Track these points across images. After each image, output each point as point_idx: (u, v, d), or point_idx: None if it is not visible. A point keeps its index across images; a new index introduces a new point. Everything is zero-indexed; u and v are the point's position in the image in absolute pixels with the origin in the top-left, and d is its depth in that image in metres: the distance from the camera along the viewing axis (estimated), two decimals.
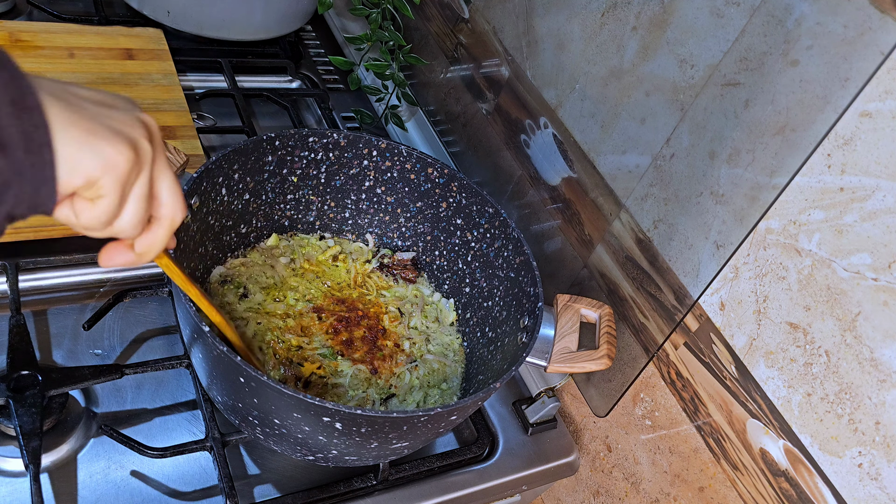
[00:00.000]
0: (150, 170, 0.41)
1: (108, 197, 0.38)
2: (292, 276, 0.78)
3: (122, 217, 0.40)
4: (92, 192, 0.38)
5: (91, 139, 0.37)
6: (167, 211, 0.43)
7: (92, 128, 0.37)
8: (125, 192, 0.39)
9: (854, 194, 0.55)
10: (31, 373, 0.65)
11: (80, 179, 0.37)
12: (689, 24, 0.66)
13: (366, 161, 0.80)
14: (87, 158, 0.36)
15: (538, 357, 0.68)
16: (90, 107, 0.38)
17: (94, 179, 0.37)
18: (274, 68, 1.10)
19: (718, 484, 0.70)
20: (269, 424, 0.60)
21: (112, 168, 0.37)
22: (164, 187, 0.42)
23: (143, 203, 0.41)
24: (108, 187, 0.38)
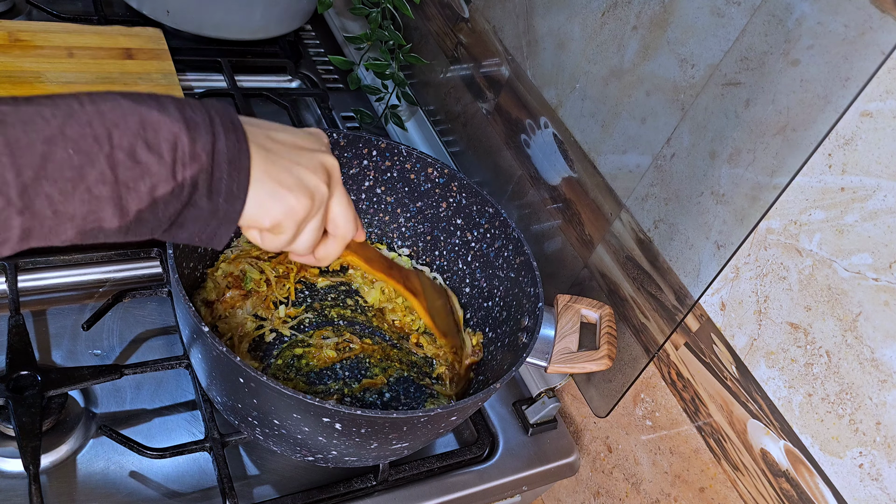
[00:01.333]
0: (327, 205, 0.50)
1: (286, 234, 0.48)
2: None
3: (296, 244, 0.50)
4: (275, 230, 0.47)
5: (279, 191, 0.45)
6: (339, 231, 0.52)
7: (282, 179, 0.45)
8: (300, 229, 0.48)
9: (855, 194, 0.55)
10: (31, 373, 0.65)
11: (268, 222, 0.46)
12: (690, 23, 0.66)
13: (365, 161, 0.80)
14: (275, 207, 0.45)
15: (538, 357, 0.68)
16: (284, 154, 0.46)
17: (278, 223, 0.46)
18: (273, 68, 1.09)
19: (719, 484, 0.70)
20: (268, 425, 0.60)
21: (291, 214, 0.46)
22: (339, 215, 0.51)
23: (313, 234, 0.50)
24: (286, 227, 0.47)
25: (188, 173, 0.41)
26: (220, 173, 0.42)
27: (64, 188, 0.37)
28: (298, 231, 0.48)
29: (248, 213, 0.45)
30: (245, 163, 0.43)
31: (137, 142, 0.39)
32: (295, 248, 0.50)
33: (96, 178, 0.38)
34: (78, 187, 0.38)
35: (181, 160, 0.40)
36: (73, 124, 0.37)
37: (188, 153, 0.40)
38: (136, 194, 0.40)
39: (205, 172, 0.41)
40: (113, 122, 0.38)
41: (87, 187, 0.38)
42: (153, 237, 0.43)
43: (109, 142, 0.38)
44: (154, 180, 0.40)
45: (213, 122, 0.42)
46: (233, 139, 0.43)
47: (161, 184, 0.40)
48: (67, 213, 0.38)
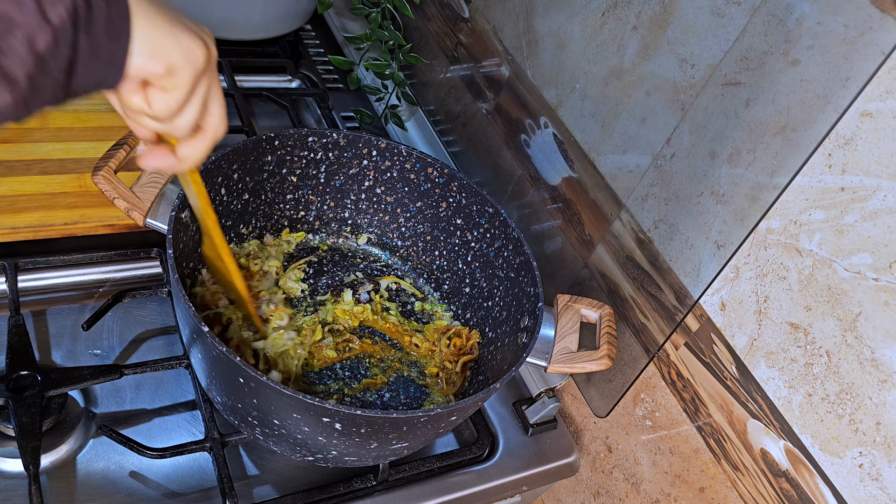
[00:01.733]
0: (212, 76, 0.44)
1: (181, 89, 0.41)
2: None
3: (183, 114, 0.43)
4: (168, 81, 0.41)
5: (174, 30, 0.40)
6: (214, 122, 0.46)
7: (175, 21, 0.40)
8: (195, 88, 0.42)
9: (855, 194, 0.55)
10: (31, 373, 0.65)
11: (162, 65, 0.40)
12: (690, 23, 0.66)
13: (365, 161, 0.80)
14: (170, 46, 0.40)
15: (538, 357, 0.68)
16: (169, 8, 0.41)
17: (175, 68, 0.40)
18: (273, 68, 1.09)
19: (719, 484, 0.70)
20: (268, 425, 0.60)
21: (191, 60, 0.41)
22: (216, 99, 0.45)
23: (202, 105, 0.44)
24: (183, 78, 0.41)
25: (62, 9, 0.34)
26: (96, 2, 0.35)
27: None
28: (191, 93, 0.42)
29: (139, 55, 0.39)
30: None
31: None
32: (180, 122, 0.44)
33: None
34: None
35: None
36: None
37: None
38: (14, 55, 0.33)
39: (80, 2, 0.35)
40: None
41: None
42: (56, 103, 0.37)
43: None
44: (26, 31, 0.33)
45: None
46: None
47: (37, 33, 0.33)
48: None
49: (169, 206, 0.64)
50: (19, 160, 0.78)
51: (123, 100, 0.42)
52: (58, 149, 0.80)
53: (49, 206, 0.75)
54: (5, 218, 0.72)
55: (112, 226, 0.76)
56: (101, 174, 0.64)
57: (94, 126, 0.84)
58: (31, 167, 0.77)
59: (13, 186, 0.75)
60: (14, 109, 0.35)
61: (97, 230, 0.75)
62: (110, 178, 0.64)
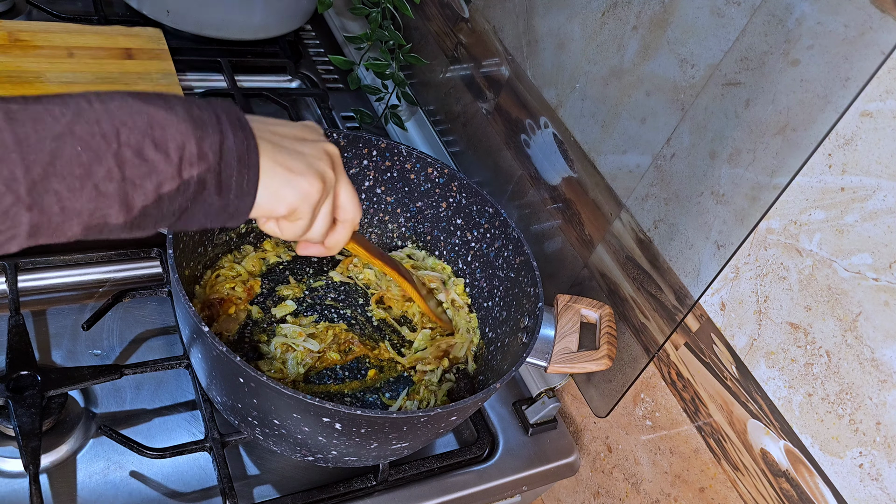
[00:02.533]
0: (334, 190, 0.51)
1: (304, 219, 0.49)
2: None
3: (312, 230, 0.51)
4: (291, 218, 0.49)
5: (292, 177, 0.47)
6: (348, 216, 0.54)
7: (292, 166, 0.47)
8: (315, 213, 0.50)
9: (855, 194, 0.55)
10: (31, 373, 0.65)
11: (284, 209, 0.47)
12: (690, 23, 0.66)
13: (365, 161, 0.80)
14: (289, 194, 0.47)
15: (538, 357, 0.68)
16: (289, 144, 0.48)
17: (294, 209, 0.48)
18: (273, 68, 1.09)
19: (719, 484, 0.70)
20: (268, 425, 0.60)
21: (307, 198, 0.48)
22: (346, 199, 0.53)
23: (327, 218, 0.52)
24: (303, 212, 0.49)
25: (195, 172, 0.42)
26: (230, 171, 0.43)
27: (72, 185, 0.38)
28: (314, 216, 0.50)
29: (263, 204, 0.46)
30: (254, 159, 0.44)
31: (145, 140, 0.40)
32: (311, 235, 0.52)
33: (104, 175, 0.39)
34: (86, 184, 0.38)
35: (188, 159, 0.41)
36: (82, 122, 0.38)
37: (195, 152, 0.41)
38: (142, 191, 0.40)
39: (213, 171, 0.42)
40: (121, 121, 0.39)
41: (94, 184, 0.38)
42: (158, 229, 0.44)
43: (118, 140, 0.39)
44: (160, 178, 0.41)
45: (221, 121, 0.43)
46: (241, 137, 0.44)
47: (167, 181, 0.41)
48: (75, 210, 0.39)
49: None
50: None
51: (259, 225, 0.51)
52: None
53: None
54: None
55: None
56: None
57: None
58: None
59: None
60: (120, 229, 0.41)
61: None
62: None
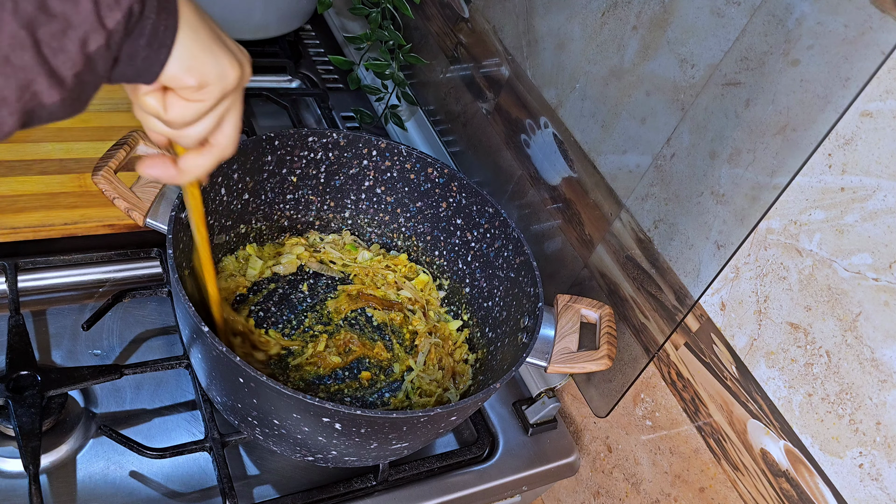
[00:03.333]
0: (236, 97, 0.44)
1: (205, 103, 0.41)
2: None
3: (196, 125, 0.43)
4: (195, 94, 0.41)
5: (214, 47, 0.40)
6: (224, 140, 0.45)
7: (216, 39, 0.40)
8: (216, 105, 0.42)
9: (855, 194, 0.55)
10: (31, 373, 0.65)
11: (195, 79, 0.40)
12: (690, 23, 0.66)
13: (365, 161, 0.80)
14: (207, 62, 0.40)
15: (538, 357, 0.68)
16: (210, 21, 0.41)
17: (205, 83, 0.40)
18: (273, 68, 1.09)
19: (719, 484, 0.70)
20: (268, 425, 0.60)
21: (223, 79, 0.41)
22: (232, 120, 0.45)
23: (216, 121, 0.44)
24: (210, 94, 0.41)
25: (119, 15, 0.35)
26: (149, 11, 0.36)
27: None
28: (213, 107, 0.42)
29: (174, 66, 0.39)
30: (173, 4, 0.38)
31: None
32: (190, 132, 0.44)
33: (9, 43, 0.32)
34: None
35: (106, 2, 0.34)
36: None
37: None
38: (65, 55, 0.34)
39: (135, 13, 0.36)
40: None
41: (3, 57, 0.32)
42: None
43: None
44: (80, 32, 0.34)
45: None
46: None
47: (91, 35, 0.34)
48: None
49: (169, 206, 0.64)
50: (19, 160, 0.78)
51: (139, 98, 0.42)
52: (58, 149, 0.80)
53: (49, 206, 0.75)
54: (5, 218, 0.72)
55: (112, 226, 0.76)
56: (101, 174, 0.64)
57: (95, 126, 0.84)
58: (31, 167, 0.78)
59: (13, 186, 0.75)
60: (62, 107, 0.35)
61: (97, 230, 0.75)
62: (110, 178, 0.64)
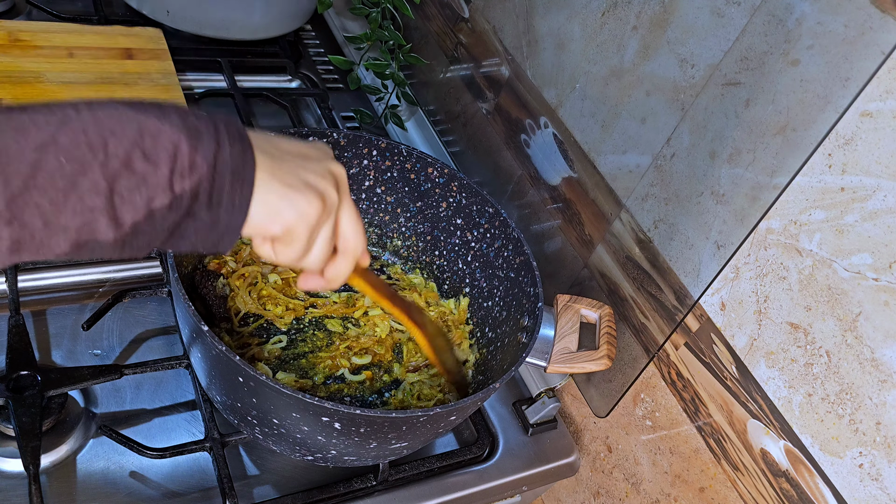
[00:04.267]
0: (336, 215, 0.47)
1: (300, 241, 0.45)
2: None
3: (309, 256, 0.47)
4: (286, 238, 0.45)
5: (289, 193, 0.43)
6: (349, 246, 0.50)
7: (291, 182, 0.43)
8: (313, 236, 0.46)
9: (855, 194, 0.55)
10: (31, 373, 0.65)
11: (278, 228, 0.44)
12: (690, 23, 0.66)
13: (366, 160, 0.80)
14: (285, 210, 0.43)
15: (538, 357, 0.68)
16: (290, 160, 0.44)
17: (290, 228, 0.44)
18: (273, 68, 1.09)
19: (719, 484, 0.70)
20: (267, 424, 0.60)
21: (304, 218, 0.44)
22: (348, 227, 0.49)
23: (327, 245, 0.48)
24: (299, 233, 0.45)
25: (187, 184, 0.39)
26: (223, 183, 0.40)
27: (55, 198, 0.36)
28: (311, 239, 0.46)
29: (256, 220, 0.43)
30: (249, 174, 0.42)
31: (134, 150, 0.37)
32: (308, 262, 0.48)
33: (89, 188, 0.36)
34: (70, 197, 0.36)
35: (180, 171, 0.38)
36: (67, 131, 0.36)
37: (188, 163, 0.39)
38: (132, 205, 0.38)
39: (206, 183, 0.40)
40: (109, 130, 0.37)
41: (79, 197, 0.36)
42: (152, 249, 0.41)
43: (105, 150, 0.36)
44: (151, 191, 0.38)
45: (218, 131, 0.40)
46: (238, 149, 0.41)
47: (158, 195, 0.38)
48: (59, 225, 0.36)
49: None
50: None
51: (254, 249, 0.47)
52: None
53: None
54: None
55: None
56: None
57: None
58: None
59: None
60: (112, 246, 0.39)
61: None
62: None
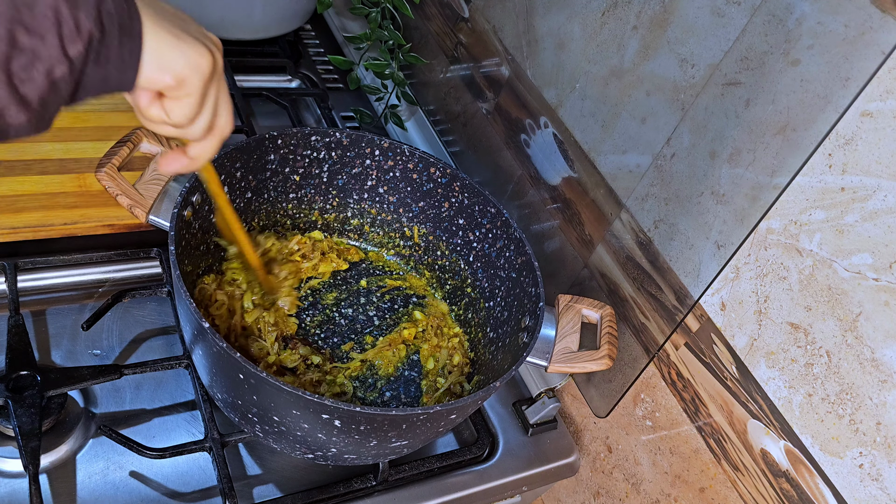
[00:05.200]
0: (219, 80, 0.46)
1: (193, 97, 0.44)
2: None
3: (198, 119, 0.46)
4: (180, 91, 0.43)
5: (178, 42, 0.42)
6: (222, 122, 0.49)
7: (178, 33, 0.42)
8: (206, 93, 0.45)
9: (855, 194, 0.55)
10: (30, 373, 0.65)
11: (170, 77, 0.42)
12: (690, 23, 0.66)
13: (368, 160, 0.80)
14: (176, 58, 0.42)
15: (539, 357, 0.68)
16: (172, 16, 0.43)
17: (182, 78, 0.42)
18: (273, 67, 1.09)
19: (719, 485, 0.70)
20: (268, 422, 0.60)
21: (197, 69, 0.43)
22: (224, 101, 0.48)
23: (213, 109, 0.47)
24: (193, 87, 0.43)
25: (80, 47, 0.38)
26: (112, 38, 0.39)
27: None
28: (204, 97, 0.45)
29: (148, 70, 0.41)
30: (137, 25, 0.40)
31: (16, 27, 0.36)
32: (195, 128, 0.47)
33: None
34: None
35: (68, 35, 0.37)
36: None
37: (73, 25, 0.37)
38: (33, 83, 0.37)
39: (96, 39, 0.38)
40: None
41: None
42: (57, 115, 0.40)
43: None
44: (46, 64, 0.37)
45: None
46: (119, 1, 0.39)
47: (56, 65, 0.37)
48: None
49: (171, 204, 0.64)
50: (19, 160, 0.78)
51: (143, 111, 0.45)
52: (58, 149, 0.80)
53: (49, 205, 0.75)
54: (5, 218, 0.72)
55: (112, 226, 0.76)
56: (105, 171, 0.64)
57: (94, 126, 0.84)
58: (30, 167, 0.77)
59: (13, 186, 0.75)
60: (27, 126, 0.38)
61: (97, 230, 0.75)
62: (113, 175, 0.64)
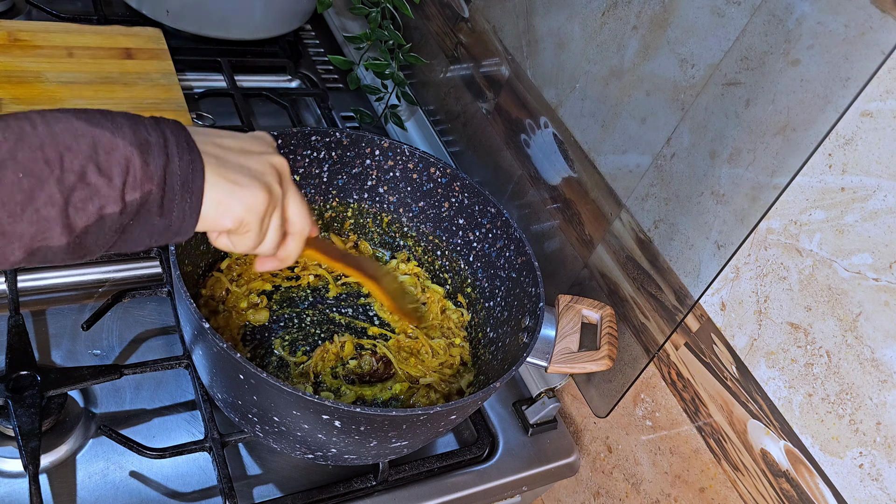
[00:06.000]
0: (282, 204, 0.51)
1: (253, 231, 0.49)
2: None
3: (264, 243, 0.51)
4: (239, 230, 0.49)
5: (236, 189, 0.47)
6: (297, 228, 0.54)
7: (237, 178, 0.47)
8: (264, 225, 0.50)
9: (855, 194, 0.55)
10: (30, 373, 0.65)
11: (230, 222, 0.47)
12: (690, 23, 0.66)
13: (368, 160, 0.80)
14: (234, 205, 0.47)
15: (539, 357, 0.68)
16: (234, 158, 0.48)
17: (240, 220, 0.48)
18: (273, 67, 1.09)
19: (719, 485, 0.70)
20: (268, 422, 0.60)
21: (252, 209, 0.48)
22: (294, 212, 0.53)
23: (277, 231, 0.52)
24: (251, 224, 0.49)
25: (138, 195, 0.42)
26: (173, 195, 0.43)
27: (12, 210, 0.38)
28: (263, 228, 0.50)
29: (209, 217, 0.46)
30: (199, 183, 0.45)
31: (89, 165, 0.40)
32: (263, 248, 0.52)
33: (45, 200, 0.39)
34: (26, 209, 0.38)
35: (131, 183, 0.41)
36: (24, 148, 0.38)
37: (140, 176, 0.42)
38: (84, 213, 0.40)
39: (156, 193, 0.43)
40: (65, 145, 0.39)
41: (35, 209, 0.39)
42: (100, 251, 0.44)
43: (60, 165, 0.39)
44: (102, 201, 0.41)
45: (167, 143, 0.43)
46: (186, 160, 0.44)
47: (109, 204, 0.41)
48: (15, 234, 0.39)
49: None
50: None
51: (213, 243, 0.51)
52: None
53: None
54: None
55: None
56: None
57: None
58: None
59: None
60: (63, 251, 0.41)
61: None
62: None
